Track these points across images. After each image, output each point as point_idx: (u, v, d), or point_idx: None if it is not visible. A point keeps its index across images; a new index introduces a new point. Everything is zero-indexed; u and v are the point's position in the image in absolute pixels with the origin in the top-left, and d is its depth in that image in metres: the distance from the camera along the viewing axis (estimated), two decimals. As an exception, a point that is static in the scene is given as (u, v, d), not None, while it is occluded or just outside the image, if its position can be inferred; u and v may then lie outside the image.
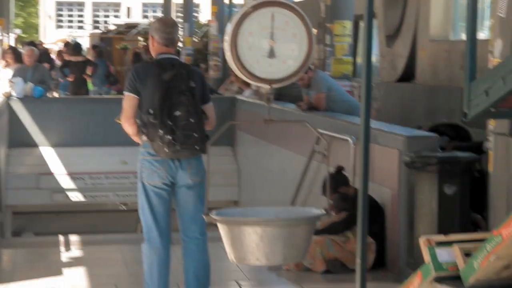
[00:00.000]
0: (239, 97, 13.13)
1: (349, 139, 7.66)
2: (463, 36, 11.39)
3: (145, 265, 5.59)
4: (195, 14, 31.05)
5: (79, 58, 16.79)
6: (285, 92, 11.17)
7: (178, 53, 19.32)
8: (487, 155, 6.60)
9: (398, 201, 6.95)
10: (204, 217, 4.50)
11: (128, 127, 5.51)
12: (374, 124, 8.27)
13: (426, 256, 3.34)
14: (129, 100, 5.46)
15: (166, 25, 5.60)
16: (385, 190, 7.16)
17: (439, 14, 11.31)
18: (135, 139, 5.57)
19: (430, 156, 6.55)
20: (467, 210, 6.70)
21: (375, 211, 7.16)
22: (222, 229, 4.22)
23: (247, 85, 13.70)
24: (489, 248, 3.05)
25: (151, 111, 5.35)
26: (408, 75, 12.07)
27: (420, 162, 6.52)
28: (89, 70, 16.49)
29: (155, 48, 5.57)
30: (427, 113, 10.66)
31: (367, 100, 4.09)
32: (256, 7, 4.36)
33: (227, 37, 4.39)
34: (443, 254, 3.30)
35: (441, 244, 3.41)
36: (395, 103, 11.49)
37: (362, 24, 15.20)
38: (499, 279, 3.19)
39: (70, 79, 16.47)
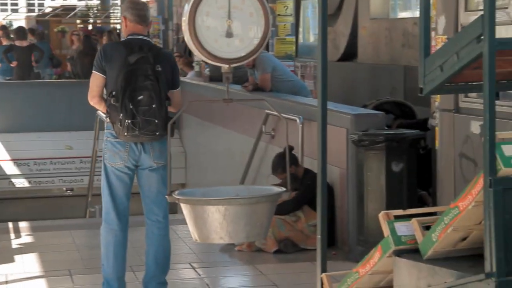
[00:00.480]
0: (183, 79, 13.12)
1: (297, 119, 7.75)
2: (403, 14, 11.56)
3: (102, 247, 5.61)
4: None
5: (24, 43, 16.56)
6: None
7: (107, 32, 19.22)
8: (432, 132, 6.75)
9: (347, 180, 7.05)
10: (167, 197, 4.53)
11: (95, 105, 5.51)
12: (320, 103, 8.40)
13: (386, 230, 3.45)
14: (95, 79, 5.46)
15: (137, 3, 5.62)
16: (333, 169, 7.26)
17: (379, -7, 11.46)
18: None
19: (377, 134, 6.67)
20: (414, 186, 6.83)
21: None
22: (185, 208, 4.29)
23: (190, 67, 13.73)
24: (446, 220, 3.17)
25: (113, 93, 5.33)
26: (350, 54, 12.20)
27: (367, 140, 6.64)
28: (36, 56, 16.28)
29: (128, 28, 5.54)
30: (370, 92, 10.81)
31: (323, 80, 4.18)
32: None
33: (184, 18, 4.44)
34: (402, 228, 3.42)
35: (399, 218, 3.52)
36: (338, 82, 11.60)
37: (305, 3, 15.24)
38: (455, 250, 3.31)
39: (13, 65, 16.22)
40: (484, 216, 2.95)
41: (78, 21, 26.59)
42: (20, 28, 18.10)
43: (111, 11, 27.75)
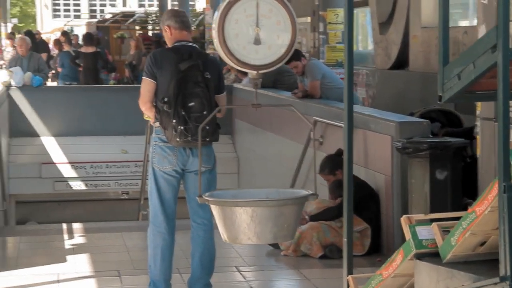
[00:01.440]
0: (236, 85, 13.31)
1: (343, 125, 7.83)
2: (454, 23, 11.58)
3: (150, 249, 5.73)
4: (191, 3, 31.15)
5: (90, 49, 17.02)
6: (280, 80, 11.37)
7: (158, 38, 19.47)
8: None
9: (392, 187, 7.12)
10: (197, 198, 4.66)
11: (145, 111, 5.63)
12: (367, 110, 8.50)
13: (407, 234, 3.55)
14: (146, 84, 5.57)
15: (178, 11, 5.80)
16: (379, 176, 7.36)
17: (430, 1, 11.48)
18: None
19: (421, 142, 6.73)
20: (459, 194, 6.86)
21: (370, 197, 7.36)
22: (215, 210, 4.42)
23: (244, 73, 13.90)
24: (464, 225, 3.26)
25: (165, 99, 5.45)
26: (402, 62, 12.25)
27: (411, 148, 6.70)
28: (100, 62, 16.78)
29: (173, 36, 5.65)
30: (420, 100, 10.85)
31: (349, 86, 4.30)
32: None
33: (214, 25, 4.59)
34: (423, 232, 3.51)
35: (421, 222, 3.61)
36: (390, 91, 11.67)
37: (357, 11, 15.31)
38: (475, 254, 3.40)
39: (80, 69, 16.77)
40: (498, 221, 3.04)
41: (137, 27, 26.97)
42: (87, 35, 18.55)
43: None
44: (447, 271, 3.30)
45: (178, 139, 5.45)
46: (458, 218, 3.49)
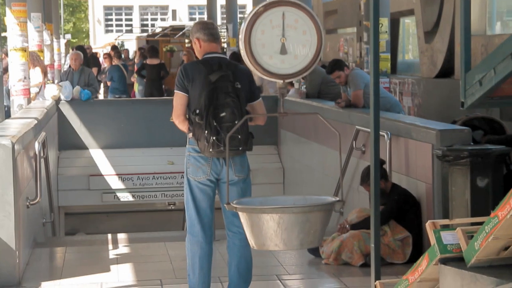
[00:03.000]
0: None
1: (385, 134, 7.83)
2: (500, 31, 11.48)
3: (188, 258, 5.79)
4: (241, 16, 31.33)
5: (155, 61, 17.41)
6: (325, 91, 11.39)
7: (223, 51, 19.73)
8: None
9: (433, 195, 7.09)
10: (225, 206, 4.68)
11: (179, 124, 5.68)
12: (408, 119, 8.48)
13: (432, 239, 3.54)
14: (179, 98, 5.63)
15: (207, 24, 5.83)
16: (420, 184, 7.33)
17: (476, 9, 11.41)
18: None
19: (461, 149, 6.69)
20: (500, 201, 6.81)
21: (411, 205, 7.33)
22: (242, 217, 4.47)
23: (291, 84, 13.93)
24: (487, 229, 3.25)
25: (197, 111, 5.51)
26: (448, 70, 12.18)
27: (452, 156, 6.66)
28: (163, 74, 17.25)
29: (203, 48, 5.72)
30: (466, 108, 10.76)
31: (375, 92, 4.31)
32: (267, 7, 4.64)
33: (241, 35, 4.64)
34: (447, 237, 3.50)
35: (446, 227, 3.61)
36: (435, 99, 11.61)
37: (403, 21, 15.24)
38: (499, 259, 3.38)
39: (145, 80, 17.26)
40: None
41: (186, 40, 27.18)
42: (151, 48, 18.91)
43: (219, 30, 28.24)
44: (471, 276, 3.28)
45: (211, 150, 5.51)
46: (483, 223, 3.47)
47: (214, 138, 5.46)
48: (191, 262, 5.79)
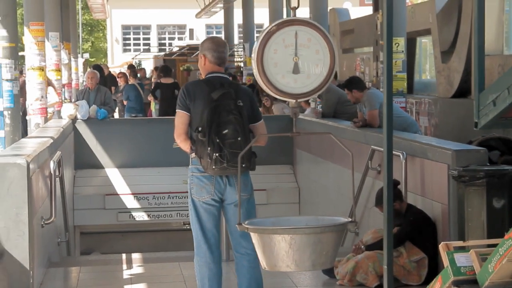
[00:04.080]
0: (301, 116, 13.32)
1: (400, 154, 7.79)
2: (517, 51, 11.44)
3: (197, 280, 5.78)
4: (257, 35, 31.41)
5: (169, 80, 17.55)
6: (341, 110, 11.36)
7: (226, 71, 19.86)
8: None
9: (449, 215, 7.04)
10: (237, 226, 4.68)
11: (180, 143, 5.68)
12: (424, 139, 8.43)
13: (445, 261, 3.50)
14: (180, 117, 5.64)
15: (218, 45, 5.77)
16: (436, 204, 7.28)
17: (493, 29, 11.36)
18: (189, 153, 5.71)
19: (477, 170, 6.64)
20: (516, 223, 6.75)
21: (427, 225, 7.28)
22: (254, 237, 4.45)
23: (307, 103, 13.91)
24: (501, 251, 3.21)
25: (200, 128, 5.50)
26: (465, 90, 12.13)
27: (468, 176, 6.62)
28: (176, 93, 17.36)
29: (206, 67, 5.73)
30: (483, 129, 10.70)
31: (389, 111, 4.28)
32: (279, 26, 4.62)
33: (253, 55, 4.63)
34: (461, 259, 3.46)
35: (460, 249, 3.56)
36: (452, 119, 11.55)
37: (420, 40, 15.19)
38: (513, 281, 3.33)
39: (156, 101, 17.57)
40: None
41: (203, 59, 27.20)
42: (164, 67, 19.03)
43: (235, 49, 28.29)
44: (484, 298, 3.24)
45: (214, 167, 5.51)
46: (497, 245, 3.43)
47: (217, 154, 5.47)
48: (201, 284, 5.77)
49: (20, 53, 12.32)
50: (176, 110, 5.71)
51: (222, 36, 30.88)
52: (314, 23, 4.66)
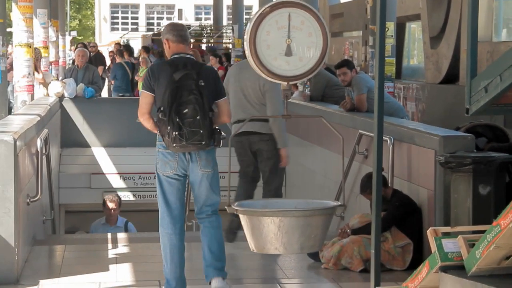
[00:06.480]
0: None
1: (387, 139, 7.79)
2: (507, 38, 11.44)
3: (161, 250, 6.11)
4: (247, 16, 31.31)
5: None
6: (329, 94, 11.36)
7: (214, 52, 19.76)
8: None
9: (434, 202, 7.05)
10: (226, 208, 4.80)
11: (143, 121, 5.95)
12: (411, 124, 8.43)
13: (433, 246, 3.52)
14: (144, 97, 5.92)
15: (176, 25, 6.08)
16: (422, 191, 7.29)
17: (482, 16, 11.36)
18: (155, 132, 5.96)
19: (464, 156, 6.65)
20: (503, 210, 6.77)
21: (413, 212, 7.29)
22: (243, 219, 4.51)
23: (295, 86, 13.90)
24: (489, 238, 3.23)
25: (161, 108, 5.76)
26: (453, 76, 12.14)
27: (454, 162, 6.63)
28: None
29: (171, 49, 5.97)
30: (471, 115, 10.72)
31: (380, 97, 4.28)
32: (273, 8, 4.63)
33: (246, 36, 4.63)
34: (449, 245, 3.48)
35: (447, 235, 3.58)
36: (439, 105, 11.57)
37: (409, 25, 15.19)
38: (500, 268, 3.35)
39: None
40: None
41: (191, 40, 27.16)
42: (144, 48, 18.92)
43: (224, 31, 28.24)
44: (471, 284, 3.26)
45: (174, 145, 5.76)
46: (484, 232, 3.45)
47: (176, 133, 5.71)
48: (164, 253, 6.10)
49: (8, 29, 12.24)
50: (141, 91, 6.02)
51: (211, 17, 30.82)
52: (308, 5, 4.66)
